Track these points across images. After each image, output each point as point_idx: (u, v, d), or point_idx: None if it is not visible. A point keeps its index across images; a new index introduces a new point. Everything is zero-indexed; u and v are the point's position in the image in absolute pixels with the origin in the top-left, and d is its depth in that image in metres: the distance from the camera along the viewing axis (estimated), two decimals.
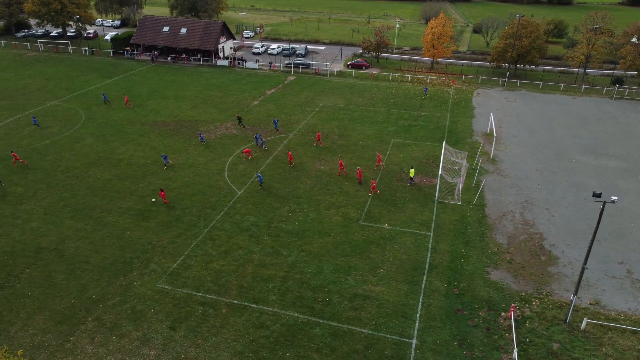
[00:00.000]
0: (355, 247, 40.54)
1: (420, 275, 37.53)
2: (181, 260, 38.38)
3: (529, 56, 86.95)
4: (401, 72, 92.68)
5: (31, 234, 41.26)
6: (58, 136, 60.25)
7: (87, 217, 43.76)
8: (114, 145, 58.29)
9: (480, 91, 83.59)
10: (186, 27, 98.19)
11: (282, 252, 39.71)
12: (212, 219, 44.00)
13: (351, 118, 69.04)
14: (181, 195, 47.72)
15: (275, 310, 33.61)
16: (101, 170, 52.00)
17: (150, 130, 62.86)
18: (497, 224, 44.47)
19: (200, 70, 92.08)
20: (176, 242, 40.73)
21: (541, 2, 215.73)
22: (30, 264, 37.69)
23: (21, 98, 73.64)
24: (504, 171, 54.44)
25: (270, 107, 72.41)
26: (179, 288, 35.46)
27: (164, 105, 72.42)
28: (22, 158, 53.72)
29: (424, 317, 33.37)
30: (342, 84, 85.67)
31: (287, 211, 45.59)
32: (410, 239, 41.78)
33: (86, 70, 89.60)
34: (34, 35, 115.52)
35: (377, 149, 58.95)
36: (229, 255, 39.24)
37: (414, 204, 47.19)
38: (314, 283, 36.41)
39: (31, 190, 47.77)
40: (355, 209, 46.16)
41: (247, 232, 42.21)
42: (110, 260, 38.32)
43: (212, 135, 61.81)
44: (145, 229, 42.26)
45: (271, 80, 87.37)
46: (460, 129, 65.85)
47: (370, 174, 52.46)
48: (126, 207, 45.44)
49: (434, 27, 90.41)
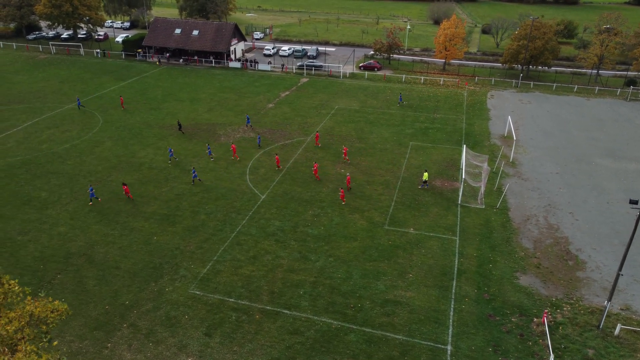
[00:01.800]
0: (383, 252, 40.65)
1: (449, 280, 37.63)
2: (210, 266, 38.52)
3: (541, 58, 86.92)
4: (413, 74, 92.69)
5: (59, 239, 41.43)
6: (77, 140, 60.43)
7: (113, 222, 43.91)
8: (133, 149, 58.45)
9: (493, 93, 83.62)
10: (198, 29, 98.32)
11: (310, 257, 39.83)
12: (238, 223, 44.13)
13: (367, 121, 69.13)
14: (205, 199, 47.85)
15: (308, 316, 33.74)
16: (123, 175, 52.15)
17: (168, 133, 63.02)
18: (522, 228, 44.54)
19: (213, 73, 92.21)
20: (204, 247, 40.87)
21: (547, 2, 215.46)
22: (61, 269, 37.86)
23: (37, 101, 73.84)
24: (524, 174, 54.49)
25: (285, 110, 72.53)
26: (211, 294, 35.60)
27: (179, 108, 72.56)
28: (43, 162, 53.91)
29: (456, 323, 33.47)
30: (355, 86, 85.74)
31: (311, 215, 45.71)
32: (436, 244, 41.87)
33: (99, 73, 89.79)
34: (44, 37, 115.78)
35: (396, 152, 59.09)
36: (257, 260, 39.37)
37: (437, 208, 47.28)
38: (344, 288, 36.54)
39: (55, 195, 47.96)
40: (379, 213, 46.27)
41: (274, 237, 42.34)
42: (140, 265, 38.46)
43: (231, 138, 61.95)
44: (172, 234, 42.41)
45: (284, 82, 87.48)
46: (477, 132, 65.91)
47: (392, 179, 52.54)
48: (151, 212, 45.59)
49: (446, 28, 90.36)
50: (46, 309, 21.47)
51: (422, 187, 50.33)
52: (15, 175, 51.70)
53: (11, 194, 48.05)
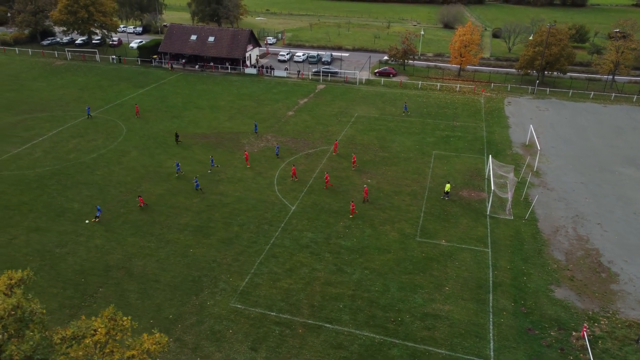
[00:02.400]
0: (417, 265, 41.14)
1: (485, 293, 38.10)
2: (249, 279, 39.05)
3: (557, 64, 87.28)
4: (429, 80, 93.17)
5: (97, 252, 41.98)
6: (103, 149, 60.98)
7: (148, 234, 44.46)
8: (159, 158, 58.99)
9: (510, 99, 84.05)
10: (214, 36, 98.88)
11: (345, 270, 40.34)
12: (271, 235, 44.65)
13: (388, 129, 69.61)
14: (236, 211, 48.37)
15: (351, 330, 34.24)
16: (152, 185, 52.69)
17: (192, 142, 63.55)
18: (552, 239, 44.99)
19: (230, 79, 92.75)
20: (240, 259, 41.39)
21: (555, 4, 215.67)
22: (102, 282, 38.40)
23: (59, 109, 74.43)
24: (549, 184, 54.93)
25: (306, 118, 73.05)
26: (252, 307, 36.12)
27: (200, 116, 73.11)
28: (72, 172, 54.49)
29: (497, 337, 33.95)
30: (372, 93, 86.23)
31: (342, 227, 46.21)
32: (469, 256, 42.35)
33: (117, 80, 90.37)
34: (59, 43, 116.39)
35: (420, 161, 59.58)
36: (294, 273, 39.88)
37: (467, 219, 47.75)
38: (382, 302, 37.03)
39: (88, 207, 48.50)
40: (410, 225, 46.76)
41: (308, 249, 42.85)
42: (180, 279, 38.99)
43: (255, 147, 62.46)
44: (208, 246, 42.94)
45: (301, 89, 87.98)
46: (498, 140, 66.35)
47: (419, 189, 53.03)
48: (184, 224, 46.12)
49: (461, 35, 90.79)
50: (151, 343, 22.00)
51: (443, 197, 50.70)
52: (46, 186, 52.24)
53: (44, 206, 48.59)
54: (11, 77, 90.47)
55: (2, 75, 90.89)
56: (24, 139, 63.35)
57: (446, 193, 50.70)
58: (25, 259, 40.79)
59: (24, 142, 62.61)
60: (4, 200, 49.30)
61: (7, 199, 49.55)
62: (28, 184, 52.63)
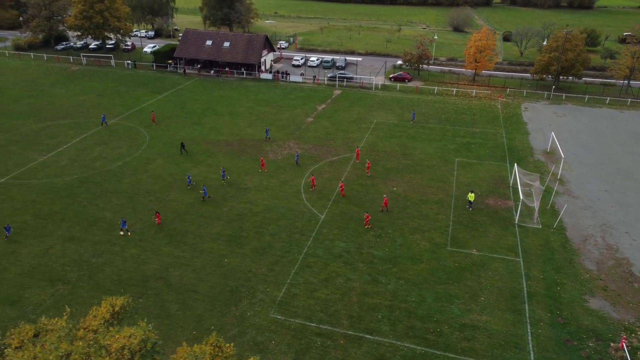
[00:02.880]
0: (450, 274, 41.55)
1: (520, 303, 38.51)
2: (285, 289, 39.49)
3: (573, 69, 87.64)
4: (444, 85, 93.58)
5: (133, 261, 42.44)
6: (128, 157, 61.44)
7: (182, 244, 44.91)
8: (185, 166, 59.45)
9: (527, 105, 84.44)
10: (229, 41, 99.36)
11: (380, 280, 40.76)
12: (303, 244, 45.10)
13: (408, 135, 70.02)
14: (266, 220, 48.81)
15: (391, 342, 34.65)
16: (181, 194, 53.13)
17: (216, 150, 64.00)
18: (581, 248, 45.39)
19: (246, 85, 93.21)
20: (275, 269, 41.83)
21: (561, 7, 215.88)
22: (142, 293, 38.84)
23: (80, 116, 74.93)
24: (574, 192, 55.31)
25: (326, 125, 73.48)
26: (292, 318, 36.55)
27: (221, 122, 73.57)
28: (100, 180, 54.96)
29: (536, 348, 34.36)
30: (388, 98, 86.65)
31: (373, 236, 46.63)
32: (501, 265, 42.75)
33: (134, 85, 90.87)
34: (72, 47, 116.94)
35: (443, 168, 59.96)
36: (329, 283, 40.31)
37: (495, 228, 48.16)
38: (420, 312, 37.45)
39: (120, 215, 48.94)
40: (439, 234, 47.17)
41: (341, 259, 43.29)
42: (217, 289, 39.44)
43: (278, 155, 62.90)
44: (242, 256, 43.39)
45: (318, 94, 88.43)
46: (519, 147, 66.73)
47: (445, 198, 53.42)
48: (216, 233, 46.57)
49: (477, 40, 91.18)
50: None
51: (468, 207, 50.95)
52: (75, 194, 52.71)
53: (76, 215, 49.06)
54: (29, 82, 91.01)
55: (20, 81, 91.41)
56: (50, 147, 63.82)
57: (470, 203, 50.94)
58: (64, 270, 41.24)
59: (49, 149, 63.08)
60: (35, 209, 49.77)
61: (38, 208, 50.02)
62: (57, 192, 53.08)
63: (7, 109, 77.38)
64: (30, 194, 52.48)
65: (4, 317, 36.17)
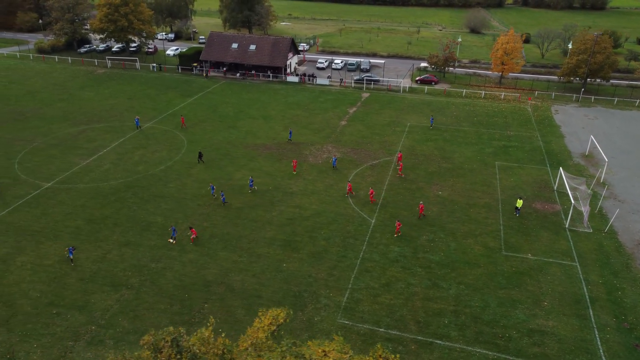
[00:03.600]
0: (510, 279, 41.69)
1: (584, 308, 38.64)
2: (348, 294, 39.67)
3: (601, 72, 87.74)
4: (471, 88, 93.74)
5: (192, 266, 42.67)
6: (169, 161, 61.69)
7: (238, 249, 45.13)
8: (227, 170, 59.66)
9: (557, 108, 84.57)
10: (255, 44, 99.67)
11: (441, 285, 40.92)
12: (358, 249, 45.28)
13: (444, 139, 70.16)
14: (318, 224, 49.01)
15: (462, 347, 34.80)
16: (228, 198, 53.32)
17: (256, 154, 64.23)
18: (636, 253, 45.52)
19: (274, 87, 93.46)
20: (334, 274, 42.01)
21: (574, 7, 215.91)
22: (206, 298, 39.07)
23: (114, 120, 75.23)
24: (619, 196, 55.42)
25: (360, 128, 73.66)
26: (359, 323, 36.74)
27: (255, 126, 73.79)
28: (146, 185, 55.20)
29: (607, 354, 34.49)
30: (417, 101, 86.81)
31: (426, 240, 46.80)
32: (558, 270, 42.88)
33: (162, 88, 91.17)
34: (95, 50, 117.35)
35: (484, 172, 60.12)
36: (391, 288, 40.48)
37: (547, 232, 48.29)
38: (486, 317, 37.59)
39: (171, 220, 49.20)
40: (492, 238, 47.33)
41: (398, 264, 43.46)
42: (280, 294, 39.64)
43: (318, 159, 63.09)
44: (299, 261, 43.59)
45: (347, 97, 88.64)
46: (557, 151, 66.86)
47: (492, 202, 53.51)
48: (270, 238, 46.78)
49: (504, 43, 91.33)
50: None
51: (515, 213, 50.86)
52: (124, 199, 52.96)
53: (128, 219, 49.31)
54: (58, 86, 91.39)
55: (49, 85, 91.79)
56: (90, 151, 64.12)
57: (517, 209, 50.81)
58: (125, 275, 41.49)
59: (89, 153, 63.37)
60: (87, 214, 50.04)
61: (90, 213, 50.29)
62: (106, 196, 53.35)
63: (41, 112, 77.73)
64: (79, 199, 52.73)
65: (74, 322, 36.46)
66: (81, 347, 34.27)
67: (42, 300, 38.54)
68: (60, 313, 37.28)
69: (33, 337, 35.01)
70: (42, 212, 50.23)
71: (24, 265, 42.40)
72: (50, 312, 37.31)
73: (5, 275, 41.15)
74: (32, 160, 61.22)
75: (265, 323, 21.71)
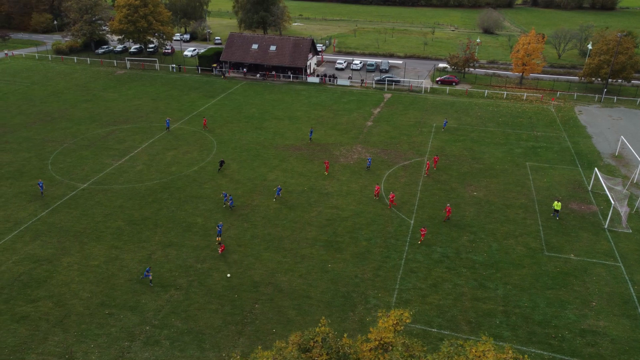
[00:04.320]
0: (556, 280, 41.82)
1: (633, 309, 38.77)
2: (397, 295, 39.82)
3: (624, 72, 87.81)
4: (492, 88, 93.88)
5: (238, 267, 42.87)
6: (202, 162, 61.90)
7: (281, 249, 45.32)
8: (260, 171, 59.87)
9: (580, 108, 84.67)
10: (275, 45, 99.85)
11: (487, 285, 41.06)
12: (401, 250, 45.44)
13: (472, 139, 70.29)
14: (357, 225, 49.19)
15: (517, 347, 34.90)
16: (265, 199, 53.54)
17: (287, 154, 64.42)
18: None
19: (295, 88, 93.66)
20: (380, 275, 42.18)
21: (584, 8, 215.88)
22: (256, 298, 39.26)
23: (141, 121, 75.47)
24: None
25: (387, 129, 73.84)
26: (412, 324, 36.85)
27: (282, 127, 73.98)
28: (181, 186, 55.42)
29: None
30: (440, 102, 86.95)
31: (467, 241, 46.94)
32: (603, 270, 43.01)
33: (185, 89, 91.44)
34: (112, 51, 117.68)
35: (517, 173, 60.26)
36: (438, 288, 40.64)
37: (586, 233, 48.42)
38: (536, 318, 37.72)
39: (211, 221, 49.39)
40: (532, 238, 47.46)
41: (443, 264, 43.61)
42: (329, 294, 39.82)
43: (350, 160, 63.27)
44: (344, 261, 43.77)
45: (369, 98, 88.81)
46: (586, 151, 66.96)
47: (528, 202, 53.63)
48: (312, 238, 46.96)
49: (525, 43, 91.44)
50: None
51: (553, 215, 50.91)
52: (161, 200, 53.18)
53: (168, 220, 49.53)
54: (80, 87, 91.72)
55: (71, 86, 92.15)
56: (120, 152, 64.36)
57: (556, 211, 50.75)
58: (172, 275, 41.70)
59: (121, 154, 63.62)
60: (126, 215, 50.27)
61: (129, 214, 50.52)
62: (143, 197, 53.57)
63: (68, 113, 78.04)
64: (116, 200, 52.97)
65: (128, 322, 36.67)
66: (138, 348, 34.46)
67: (93, 300, 38.73)
68: (112, 313, 37.46)
69: (89, 338, 35.20)
70: (81, 212, 50.46)
71: (71, 265, 42.60)
72: (102, 313, 37.50)
73: (53, 275, 41.38)
74: (64, 161, 61.48)
75: (389, 323, 21.84)
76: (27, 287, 39.86)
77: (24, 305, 37.98)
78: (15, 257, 43.31)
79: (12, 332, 35.53)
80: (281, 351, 20.60)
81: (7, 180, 56.45)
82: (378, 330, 21.97)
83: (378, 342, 21.28)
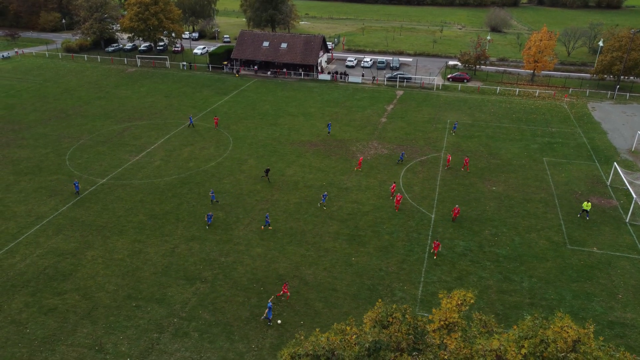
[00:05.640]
0: (580, 273, 41.79)
1: None
2: (422, 287, 39.82)
3: (636, 69, 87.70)
4: (504, 85, 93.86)
5: (262, 260, 42.90)
6: (219, 157, 61.98)
7: (304, 243, 45.35)
8: (278, 166, 59.90)
9: (593, 105, 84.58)
10: (286, 42, 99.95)
11: (512, 279, 41.04)
12: (424, 243, 45.46)
13: (487, 135, 70.28)
14: (379, 219, 49.21)
15: None
16: (285, 194, 53.59)
17: (303, 150, 64.47)
18: None
19: (307, 85, 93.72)
20: (404, 268, 42.18)
21: (590, 6, 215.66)
22: (281, 291, 39.20)
23: (155, 117, 75.60)
24: None
25: (401, 125, 73.84)
26: None
27: (297, 123, 74.03)
28: (200, 181, 55.49)
29: None
30: (453, 99, 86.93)
31: (489, 235, 46.93)
32: (627, 264, 42.97)
33: (197, 87, 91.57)
34: (122, 49, 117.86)
35: (534, 168, 60.24)
36: (463, 281, 40.63)
37: (608, 227, 48.38)
38: (563, 310, 37.42)
39: (232, 216, 49.44)
40: (554, 232, 47.43)
41: (466, 257, 43.60)
42: (355, 287, 39.85)
43: (367, 155, 63.29)
44: (367, 255, 43.79)
45: (382, 95, 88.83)
46: (602, 147, 66.90)
47: (547, 197, 53.59)
48: (334, 232, 46.99)
49: (537, 40, 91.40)
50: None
51: (580, 215, 50.35)
52: (181, 195, 53.26)
53: (189, 215, 49.59)
54: (93, 84, 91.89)
55: (84, 83, 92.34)
56: (137, 148, 64.47)
57: (586, 212, 49.96)
58: (197, 268, 41.75)
59: (137, 150, 63.72)
60: (148, 210, 50.35)
61: (150, 208, 50.60)
62: (162, 192, 53.65)
63: (82, 110, 78.21)
64: (136, 194, 53.06)
65: (155, 315, 36.72)
66: (167, 339, 34.51)
67: (119, 293, 38.80)
68: (140, 306, 37.51)
69: (118, 329, 35.26)
70: (102, 207, 50.56)
71: (95, 259, 42.68)
72: (129, 305, 37.55)
73: (78, 269, 41.46)
74: (82, 157, 61.60)
75: (453, 304, 21.80)
76: (53, 280, 39.90)
77: (51, 298, 38.03)
78: (39, 251, 43.38)
79: (41, 324, 35.58)
80: (361, 327, 20.54)
81: (27, 175, 56.57)
82: (442, 311, 21.86)
83: (443, 322, 21.16)
